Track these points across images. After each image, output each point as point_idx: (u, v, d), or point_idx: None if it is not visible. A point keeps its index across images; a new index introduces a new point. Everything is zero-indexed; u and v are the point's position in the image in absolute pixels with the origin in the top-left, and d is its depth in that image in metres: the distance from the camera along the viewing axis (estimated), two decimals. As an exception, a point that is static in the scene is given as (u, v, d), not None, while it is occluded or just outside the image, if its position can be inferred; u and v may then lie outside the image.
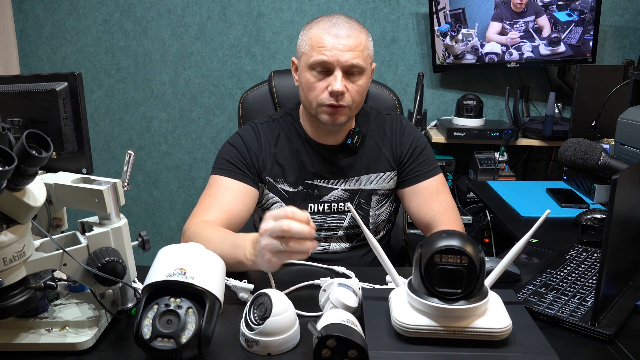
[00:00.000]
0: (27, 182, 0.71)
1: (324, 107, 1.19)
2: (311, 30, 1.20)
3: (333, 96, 1.17)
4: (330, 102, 1.18)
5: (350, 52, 1.16)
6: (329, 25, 1.18)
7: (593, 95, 1.94)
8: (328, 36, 1.16)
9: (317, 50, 1.17)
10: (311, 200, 1.30)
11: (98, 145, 2.73)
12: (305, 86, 1.21)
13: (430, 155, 1.34)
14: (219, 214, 1.20)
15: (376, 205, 1.33)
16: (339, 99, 1.18)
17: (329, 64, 1.16)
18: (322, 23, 1.19)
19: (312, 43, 1.18)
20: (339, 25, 1.17)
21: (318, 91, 1.19)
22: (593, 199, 1.57)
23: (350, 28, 1.17)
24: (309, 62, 1.18)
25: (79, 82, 0.91)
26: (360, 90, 1.20)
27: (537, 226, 0.82)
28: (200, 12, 2.57)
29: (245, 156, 1.28)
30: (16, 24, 2.61)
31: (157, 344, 0.71)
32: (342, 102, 1.18)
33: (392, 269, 0.87)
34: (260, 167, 1.29)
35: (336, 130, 1.27)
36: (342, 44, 1.15)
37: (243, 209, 1.24)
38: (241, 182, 1.25)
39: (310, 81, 1.19)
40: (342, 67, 1.16)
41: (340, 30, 1.16)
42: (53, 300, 0.90)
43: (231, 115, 2.68)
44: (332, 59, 1.15)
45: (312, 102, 1.21)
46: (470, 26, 2.40)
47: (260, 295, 0.83)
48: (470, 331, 0.75)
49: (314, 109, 1.22)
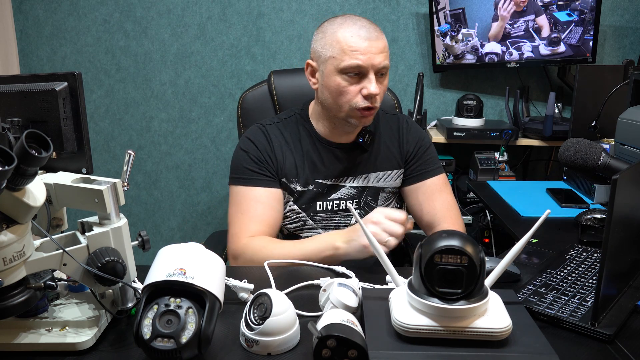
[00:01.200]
0: (27, 182, 0.71)
1: (358, 111, 1.20)
2: (337, 33, 1.19)
3: (368, 99, 1.18)
4: (366, 104, 1.19)
5: (382, 54, 1.18)
6: (357, 29, 1.17)
7: (593, 95, 1.94)
8: (360, 40, 1.16)
9: (349, 55, 1.16)
10: (320, 199, 1.31)
11: (98, 145, 2.73)
12: (336, 90, 1.20)
13: (434, 155, 1.36)
14: (258, 227, 1.22)
15: (383, 203, 1.34)
16: (374, 102, 1.19)
17: (363, 67, 1.17)
18: (348, 26, 1.18)
19: (342, 47, 1.17)
20: (366, 28, 1.18)
21: (351, 95, 1.19)
22: (593, 199, 1.56)
23: (376, 30, 1.20)
24: (341, 67, 1.17)
25: (78, 82, 0.91)
26: (385, 90, 1.24)
27: (537, 226, 0.82)
28: (200, 12, 2.57)
29: (261, 160, 1.28)
30: (16, 24, 2.61)
31: (157, 344, 0.71)
32: (376, 104, 1.21)
33: (392, 269, 0.87)
34: (277, 167, 1.30)
35: (351, 130, 1.29)
36: (375, 47, 1.16)
37: (276, 215, 1.27)
38: (266, 188, 1.26)
39: (342, 85, 1.19)
40: (376, 70, 1.18)
41: (369, 33, 1.17)
42: (53, 300, 0.90)
43: (231, 115, 2.68)
44: (367, 63, 1.16)
45: (344, 105, 1.21)
46: (470, 26, 2.40)
47: (260, 295, 0.83)
48: (470, 331, 0.75)
49: (344, 112, 1.22)
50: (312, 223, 1.31)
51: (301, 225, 1.31)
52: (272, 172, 1.28)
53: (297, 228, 1.32)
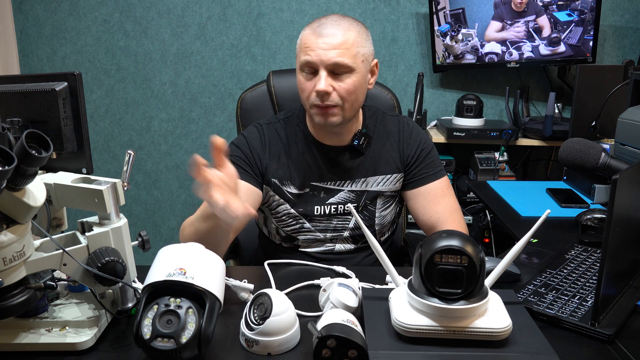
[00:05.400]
0: (27, 182, 0.71)
1: (314, 108, 1.20)
2: (303, 32, 1.21)
3: (319, 96, 1.17)
4: (317, 102, 1.18)
5: (335, 51, 1.14)
6: (316, 26, 1.18)
7: (593, 95, 1.94)
8: (313, 36, 1.16)
9: (303, 51, 1.17)
10: (317, 203, 1.30)
11: (98, 145, 2.73)
12: (298, 88, 1.22)
13: (436, 158, 1.34)
14: None
15: (382, 207, 1.33)
16: (324, 99, 1.17)
17: (313, 63, 1.16)
18: (312, 24, 1.19)
19: (300, 44, 1.19)
20: (325, 24, 1.17)
21: (307, 92, 1.19)
22: (593, 199, 1.56)
23: (337, 26, 1.16)
24: (299, 64, 1.20)
25: (78, 82, 0.91)
26: (349, 89, 1.18)
27: (537, 226, 0.82)
28: (200, 12, 2.57)
29: (248, 156, 1.28)
30: (16, 24, 2.61)
31: (157, 344, 0.71)
32: (329, 102, 1.17)
33: (392, 269, 0.87)
34: (263, 169, 1.29)
35: (337, 131, 1.27)
36: (326, 43, 1.15)
37: None
38: (242, 181, 1.25)
39: (301, 82, 1.21)
40: (325, 67, 1.15)
41: (325, 30, 1.16)
42: (53, 300, 0.90)
43: (231, 115, 2.68)
44: (316, 59, 1.15)
45: (305, 103, 1.22)
46: (470, 26, 2.41)
47: (260, 295, 0.83)
48: (470, 331, 0.75)
49: (307, 110, 1.23)
50: (310, 226, 1.30)
51: (298, 227, 1.31)
52: (255, 171, 1.27)
53: (294, 231, 1.31)
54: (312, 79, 1.18)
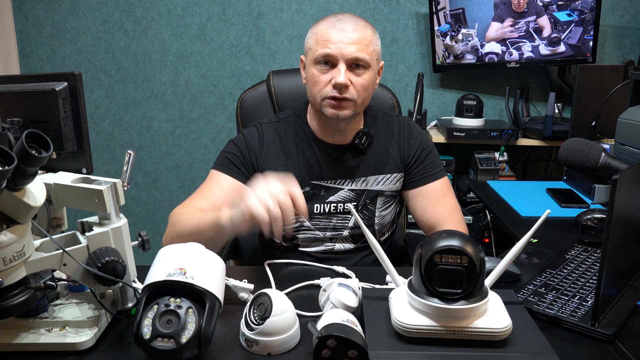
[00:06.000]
0: (27, 182, 0.71)
1: (328, 100, 1.20)
2: (317, 26, 1.22)
3: (336, 89, 1.18)
4: (334, 94, 1.19)
5: (355, 46, 1.17)
6: (335, 21, 1.20)
7: (593, 95, 1.94)
8: (332, 30, 1.18)
9: (321, 44, 1.18)
10: (317, 201, 1.30)
11: (98, 145, 2.73)
12: (311, 81, 1.22)
13: (436, 158, 1.34)
14: (204, 205, 1.20)
15: (382, 207, 1.33)
16: (342, 92, 1.18)
17: (332, 57, 1.17)
18: (328, 19, 1.21)
19: (317, 38, 1.20)
20: (344, 20, 1.20)
21: (322, 84, 1.20)
22: (593, 199, 1.56)
23: (356, 23, 1.20)
24: (314, 57, 1.20)
25: (78, 82, 0.91)
26: (365, 85, 1.20)
27: (537, 226, 0.82)
28: (200, 12, 2.57)
29: (244, 154, 1.28)
30: (16, 24, 2.61)
31: (157, 344, 0.71)
32: (346, 95, 1.19)
33: (392, 269, 0.87)
34: (259, 168, 1.29)
35: (343, 127, 1.27)
36: (347, 37, 1.17)
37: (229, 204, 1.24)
38: (232, 178, 1.26)
39: (315, 75, 1.20)
40: (346, 60, 1.17)
41: (345, 25, 1.18)
42: (53, 300, 0.90)
43: (231, 115, 2.68)
44: (336, 52, 1.17)
45: (317, 96, 1.22)
46: (470, 26, 2.40)
47: (260, 295, 0.83)
48: (470, 331, 0.75)
49: (318, 103, 1.22)
50: (309, 225, 1.31)
51: (297, 226, 1.31)
52: (248, 169, 1.28)
53: (293, 229, 1.31)
54: (328, 72, 1.19)
